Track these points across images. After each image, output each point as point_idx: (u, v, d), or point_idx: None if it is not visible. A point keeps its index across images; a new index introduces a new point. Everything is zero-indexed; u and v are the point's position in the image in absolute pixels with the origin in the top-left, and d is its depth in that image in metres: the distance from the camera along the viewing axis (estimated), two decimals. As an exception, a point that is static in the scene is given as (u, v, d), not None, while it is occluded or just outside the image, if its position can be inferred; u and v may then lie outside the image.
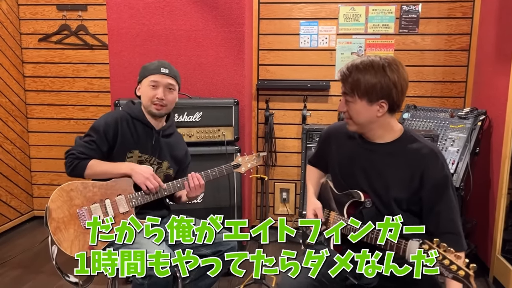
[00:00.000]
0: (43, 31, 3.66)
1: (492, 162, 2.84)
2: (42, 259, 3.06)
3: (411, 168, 1.51)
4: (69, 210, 1.88)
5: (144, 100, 2.01)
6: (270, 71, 3.51)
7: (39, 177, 3.89)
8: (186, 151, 2.23)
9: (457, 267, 1.21)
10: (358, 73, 1.46)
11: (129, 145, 1.99)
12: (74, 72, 3.70)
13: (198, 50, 2.96)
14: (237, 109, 2.73)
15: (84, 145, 1.93)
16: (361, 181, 1.60)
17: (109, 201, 1.91)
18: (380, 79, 1.44)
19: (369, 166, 1.59)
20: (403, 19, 3.31)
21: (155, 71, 1.98)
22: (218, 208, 2.70)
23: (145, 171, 1.93)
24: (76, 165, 1.92)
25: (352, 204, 1.62)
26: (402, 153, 1.54)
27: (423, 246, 1.28)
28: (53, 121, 3.80)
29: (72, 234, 1.86)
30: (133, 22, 2.96)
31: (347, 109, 1.54)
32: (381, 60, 1.46)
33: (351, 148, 1.65)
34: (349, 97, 1.50)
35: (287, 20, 3.43)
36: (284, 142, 3.58)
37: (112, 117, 2.00)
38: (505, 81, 2.64)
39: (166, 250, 1.73)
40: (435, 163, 1.49)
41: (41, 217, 3.79)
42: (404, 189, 1.52)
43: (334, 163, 1.72)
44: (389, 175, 1.54)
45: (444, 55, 3.32)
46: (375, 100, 1.46)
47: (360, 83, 1.45)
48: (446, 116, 2.98)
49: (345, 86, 1.51)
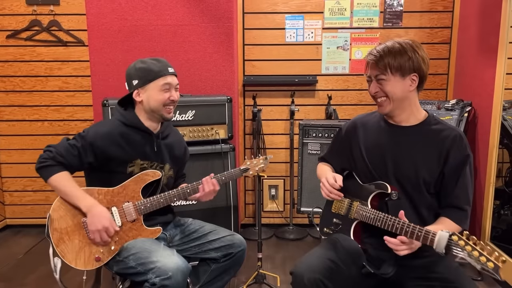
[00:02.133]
0: (11, 27, 3.41)
1: (479, 151, 2.93)
2: (24, 271, 2.87)
3: (438, 148, 1.59)
4: (73, 219, 1.74)
5: (155, 105, 1.83)
6: (256, 67, 3.45)
7: (11, 183, 3.65)
8: (185, 148, 2.12)
9: (486, 259, 1.22)
10: (389, 54, 1.55)
11: (128, 156, 1.84)
12: (47, 70, 3.48)
13: (185, 45, 2.85)
14: (231, 106, 2.66)
15: (66, 148, 1.76)
16: (390, 167, 1.63)
17: (116, 209, 1.79)
18: (411, 55, 1.54)
19: (397, 150, 1.63)
20: (387, 12, 3.34)
21: (164, 73, 1.83)
22: (214, 209, 2.63)
23: (102, 219, 1.71)
24: (46, 167, 1.73)
25: (377, 195, 1.62)
26: (428, 134, 1.61)
27: (452, 237, 1.29)
28: (25, 123, 3.56)
29: (77, 246, 1.73)
30: (114, 17, 2.81)
31: (380, 89, 1.59)
32: (407, 41, 1.58)
33: (378, 135, 1.69)
34: (383, 75, 1.57)
35: (272, 14, 3.38)
36: (271, 138, 3.53)
37: (105, 130, 1.82)
38: (491, 72, 2.72)
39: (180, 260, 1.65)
40: (460, 143, 1.58)
41: (15, 225, 3.63)
42: (432, 169, 1.58)
43: (361, 153, 1.72)
44: (418, 156, 1.60)
45: (427, 48, 3.38)
46: (408, 73, 1.55)
47: (393, 61, 1.55)
48: (433, 108, 3.03)
49: (377, 66, 1.58)
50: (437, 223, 1.56)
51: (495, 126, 2.73)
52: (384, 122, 1.70)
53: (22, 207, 3.68)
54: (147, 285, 1.60)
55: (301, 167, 3.07)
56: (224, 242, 1.89)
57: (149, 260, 1.62)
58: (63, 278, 1.77)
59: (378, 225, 1.55)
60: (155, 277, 1.57)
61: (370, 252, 1.64)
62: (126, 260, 1.70)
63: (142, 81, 1.83)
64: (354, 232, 1.66)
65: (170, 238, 1.93)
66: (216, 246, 1.89)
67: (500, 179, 2.96)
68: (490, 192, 2.78)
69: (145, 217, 1.84)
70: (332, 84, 3.45)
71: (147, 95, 1.84)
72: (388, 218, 1.52)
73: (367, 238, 1.67)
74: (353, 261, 1.58)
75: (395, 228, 1.48)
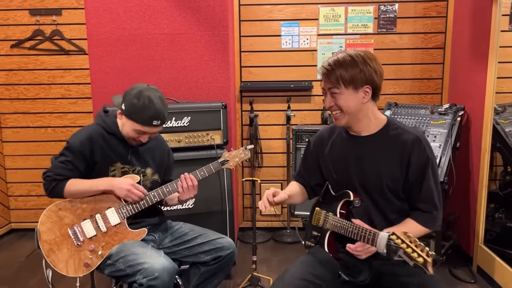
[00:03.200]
0: (15, 37, 3.52)
1: (472, 155, 2.96)
2: (27, 274, 2.95)
3: (399, 153, 1.59)
4: (60, 230, 1.84)
5: (125, 134, 1.92)
6: (253, 73, 3.52)
7: (16, 188, 3.75)
8: (168, 150, 2.17)
9: (417, 255, 1.26)
10: (340, 67, 1.55)
11: (109, 159, 1.92)
12: (50, 78, 3.58)
13: (182, 53, 2.93)
14: (226, 112, 2.73)
15: (60, 166, 1.86)
16: (355, 176, 1.65)
17: (100, 216, 1.87)
18: (362, 67, 1.55)
19: (360, 159, 1.64)
20: (381, 18, 3.39)
21: (147, 124, 1.84)
22: (210, 213, 2.69)
23: (124, 183, 1.86)
24: (54, 187, 1.86)
25: (344, 205, 1.66)
26: (388, 140, 1.62)
27: (391, 237, 1.34)
28: (29, 129, 3.66)
29: (66, 254, 1.82)
30: (113, 26, 2.90)
31: (334, 103, 1.60)
32: (358, 52, 1.59)
33: (342, 146, 1.71)
34: (336, 89, 1.57)
35: (268, 22, 3.45)
36: (269, 143, 3.59)
37: (86, 135, 1.90)
38: (483, 77, 2.76)
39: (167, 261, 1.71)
40: (419, 147, 1.58)
41: (19, 229, 3.72)
42: (395, 175, 1.59)
43: (328, 165, 1.75)
44: (380, 163, 1.61)
45: (421, 53, 3.43)
46: (360, 86, 1.56)
47: (345, 74, 1.54)
48: (427, 112, 3.07)
49: (329, 80, 1.58)
50: (400, 224, 1.59)
51: (486, 130, 2.76)
52: (346, 132, 1.71)
53: (27, 212, 3.78)
54: (135, 286, 1.67)
55: (295, 172, 3.12)
56: (213, 245, 1.94)
57: (137, 262, 1.69)
58: (58, 283, 1.89)
59: (342, 232, 1.59)
60: (142, 278, 1.64)
61: (347, 260, 1.66)
62: (116, 263, 1.77)
63: (127, 113, 1.87)
64: (328, 243, 1.69)
65: (160, 241, 1.99)
66: (205, 249, 1.95)
67: (494, 182, 2.99)
68: (483, 195, 2.80)
69: (132, 221, 1.91)
70: (327, 89, 3.50)
71: (124, 123, 1.91)
72: (349, 225, 1.56)
73: (341, 247, 1.69)
74: (330, 272, 1.61)
75: (353, 234, 1.53)
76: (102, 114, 1.99)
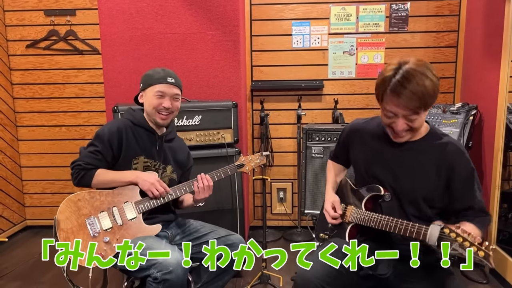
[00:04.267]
0: (30, 37, 3.59)
1: (484, 155, 2.93)
2: (41, 270, 3.01)
3: (439, 165, 1.57)
4: (77, 220, 1.87)
5: (149, 109, 2.00)
6: (264, 72, 3.53)
7: (31, 186, 3.82)
8: (188, 153, 2.24)
9: (477, 248, 1.25)
10: (424, 96, 1.44)
11: (134, 152, 1.99)
12: (64, 78, 3.65)
13: (193, 53, 2.95)
14: (236, 111, 2.75)
15: (90, 156, 1.93)
16: (387, 179, 1.65)
17: (117, 209, 1.91)
18: (437, 91, 1.49)
19: (397, 165, 1.63)
20: (393, 17, 3.37)
21: (162, 81, 1.97)
22: (221, 211, 2.71)
23: (150, 177, 1.94)
24: (83, 176, 1.92)
25: (371, 198, 1.67)
26: (430, 150, 1.60)
27: (444, 230, 1.33)
28: (43, 128, 3.73)
29: (82, 244, 1.85)
30: (126, 26, 2.94)
31: (409, 126, 1.53)
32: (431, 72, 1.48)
33: (378, 146, 1.69)
34: (415, 115, 1.49)
35: (279, 21, 3.46)
36: (279, 142, 3.60)
37: (115, 125, 1.99)
38: (495, 76, 2.73)
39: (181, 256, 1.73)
40: (462, 159, 1.57)
41: (34, 226, 3.79)
42: (432, 186, 1.58)
43: (358, 160, 1.76)
44: (417, 173, 1.59)
45: (433, 52, 3.41)
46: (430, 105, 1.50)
47: (429, 102, 1.47)
48: (439, 111, 3.05)
49: (408, 108, 1.47)
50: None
51: (499, 129, 2.73)
52: (384, 132, 1.66)
53: (42, 209, 3.85)
54: (150, 279, 1.69)
55: (305, 170, 3.13)
56: (223, 241, 1.96)
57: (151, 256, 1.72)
58: (74, 278, 1.92)
59: (373, 225, 1.60)
60: (157, 272, 1.67)
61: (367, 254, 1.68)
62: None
63: (144, 85, 2.02)
64: (349, 236, 1.71)
65: (172, 237, 2.02)
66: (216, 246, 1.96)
67: (507, 182, 2.95)
68: (496, 195, 2.77)
69: (147, 216, 1.95)
70: (338, 88, 3.50)
71: (145, 98, 2.02)
72: (382, 218, 1.57)
73: (362, 241, 1.71)
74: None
75: (388, 227, 1.53)
76: (129, 110, 2.08)
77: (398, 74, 1.46)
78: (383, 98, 1.52)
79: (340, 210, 1.78)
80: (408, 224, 1.47)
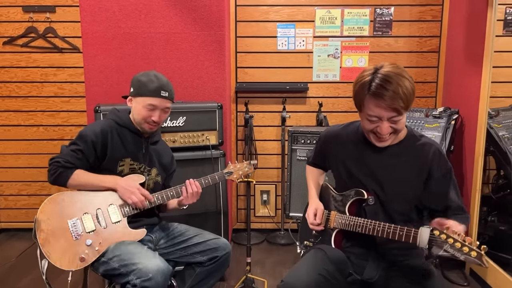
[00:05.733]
0: (7, 34, 3.47)
1: (465, 159, 2.98)
2: (17, 274, 2.91)
3: (419, 165, 1.59)
4: (59, 221, 1.80)
5: (137, 118, 1.94)
6: (249, 74, 3.51)
7: (6, 187, 3.69)
8: (172, 157, 2.20)
9: (468, 249, 1.25)
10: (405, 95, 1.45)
11: (120, 154, 1.93)
12: (42, 76, 3.54)
13: (177, 53, 2.91)
14: (221, 113, 2.71)
15: (71, 154, 1.86)
16: (371, 184, 1.64)
17: (101, 211, 1.85)
18: (413, 88, 1.49)
19: (379, 169, 1.63)
20: (377, 21, 3.40)
21: (155, 94, 1.90)
22: (204, 214, 2.67)
23: (130, 185, 1.87)
24: (60, 173, 1.83)
25: (354, 203, 1.66)
26: (410, 152, 1.61)
27: (434, 232, 1.33)
28: (20, 128, 3.61)
29: (63, 246, 1.78)
30: (108, 25, 2.87)
31: (394, 128, 1.53)
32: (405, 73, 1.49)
33: (358, 151, 1.68)
34: (399, 116, 1.49)
35: (264, 23, 3.44)
36: (263, 144, 3.58)
37: (99, 127, 1.92)
38: (477, 81, 2.78)
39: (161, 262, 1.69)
40: (440, 159, 1.59)
41: (9, 229, 3.66)
42: (415, 186, 1.59)
43: (338, 165, 1.74)
44: (400, 175, 1.60)
45: (416, 57, 3.45)
46: (411, 106, 1.51)
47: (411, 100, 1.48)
48: (421, 115, 3.09)
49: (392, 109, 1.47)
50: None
51: (480, 134, 2.77)
52: (364, 137, 1.65)
53: (17, 211, 3.72)
54: (129, 286, 1.64)
55: (290, 173, 3.12)
56: (209, 245, 1.93)
57: (131, 262, 1.68)
58: (53, 282, 1.84)
59: (359, 230, 1.59)
60: (136, 278, 1.63)
61: (352, 259, 1.67)
62: (110, 261, 1.75)
63: (135, 92, 1.94)
64: (335, 242, 1.70)
65: (156, 241, 1.98)
66: (201, 249, 1.94)
67: (487, 186, 3.01)
68: (477, 198, 2.82)
69: (130, 220, 1.89)
70: (323, 91, 3.51)
71: (134, 105, 1.96)
72: (368, 223, 1.56)
73: (348, 247, 1.71)
74: (338, 271, 1.60)
75: (376, 231, 1.52)
76: (114, 110, 2.02)
77: (377, 77, 1.46)
78: (364, 104, 1.51)
79: (319, 219, 1.76)
80: (396, 228, 1.47)
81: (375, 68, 1.50)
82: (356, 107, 1.57)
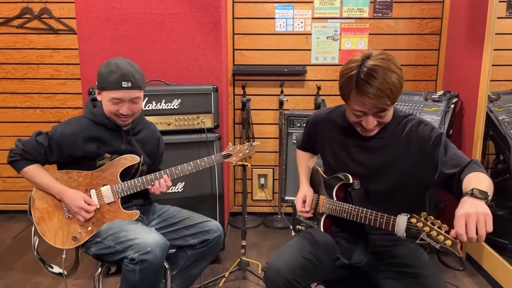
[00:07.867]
0: (2, 14, 3.43)
1: (464, 143, 2.95)
2: (12, 256, 2.93)
3: (407, 144, 1.53)
4: (53, 200, 1.82)
5: (107, 112, 1.84)
6: (246, 56, 3.46)
7: (4, 169, 3.70)
8: (158, 140, 2.10)
9: (444, 237, 1.23)
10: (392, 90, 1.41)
11: (95, 155, 1.86)
12: (38, 58, 3.51)
13: (173, 34, 2.86)
14: (217, 95, 2.68)
15: (34, 146, 1.80)
16: (357, 169, 1.61)
17: (94, 192, 1.85)
18: (400, 80, 1.43)
19: (365, 153, 1.59)
20: (377, 3, 3.33)
21: (116, 86, 1.75)
22: (199, 196, 2.66)
23: (76, 199, 1.78)
24: (16, 161, 1.82)
25: (341, 187, 1.63)
26: (395, 133, 1.56)
27: (411, 220, 1.31)
28: (17, 110, 3.60)
29: (56, 225, 1.81)
30: (103, 5, 2.82)
31: (381, 122, 1.50)
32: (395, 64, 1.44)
33: (344, 136, 1.65)
34: (385, 111, 1.46)
35: (262, 4, 3.38)
36: (261, 128, 3.56)
37: (71, 130, 1.82)
38: (477, 64, 2.72)
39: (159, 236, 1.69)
40: (424, 128, 1.52)
41: (8, 211, 3.68)
42: (403, 168, 1.53)
43: (325, 149, 1.72)
44: (385, 158, 1.56)
45: (416, 39, 3.39)
46: (398, 98, 1.46)
47: (397, 95, 1.44)
48: (421, 99, 3.04)
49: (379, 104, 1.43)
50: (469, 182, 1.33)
51: (480, 118, 2.74)
52: (349, 124, 1.61)
53: (15, 193, 3.74)
54: (126, 261, 1.64)
55: (286, 157, 3.10)
56: (200, 228, 1.92)
57: (128, 238, 1.67)
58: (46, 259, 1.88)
59: (344, 216, 1.57)
60: (134, 253, 1.62)
61: (342, 243, 1.67)
62: (104, 240, 1.75)
63: (98, 85, 1.83)
64: (324, 226, 1.68)
65: (148, 222, 1.97)
66: (192, 232, 1.93)
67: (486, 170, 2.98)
68: (474, 183, 2.79)
69: (123, 201, 1.88)
70: (321, 74, 3.46)
71: (102, 100, 1.85)
72: (352, 209, 1.54)
73: (337, 231, 1.70)
74: (326, 254, 1.59)
75: (359, 218, 1.50)
76: (90, 105, 1.91)
77: (362, 72, 1.40)
78: (349, 98, 1.47)
79: (308, 207, 1.75)
80: (377, 215, 1.44)
81: (362, 58, 1.44)
82: (342, 99, 1.53)
